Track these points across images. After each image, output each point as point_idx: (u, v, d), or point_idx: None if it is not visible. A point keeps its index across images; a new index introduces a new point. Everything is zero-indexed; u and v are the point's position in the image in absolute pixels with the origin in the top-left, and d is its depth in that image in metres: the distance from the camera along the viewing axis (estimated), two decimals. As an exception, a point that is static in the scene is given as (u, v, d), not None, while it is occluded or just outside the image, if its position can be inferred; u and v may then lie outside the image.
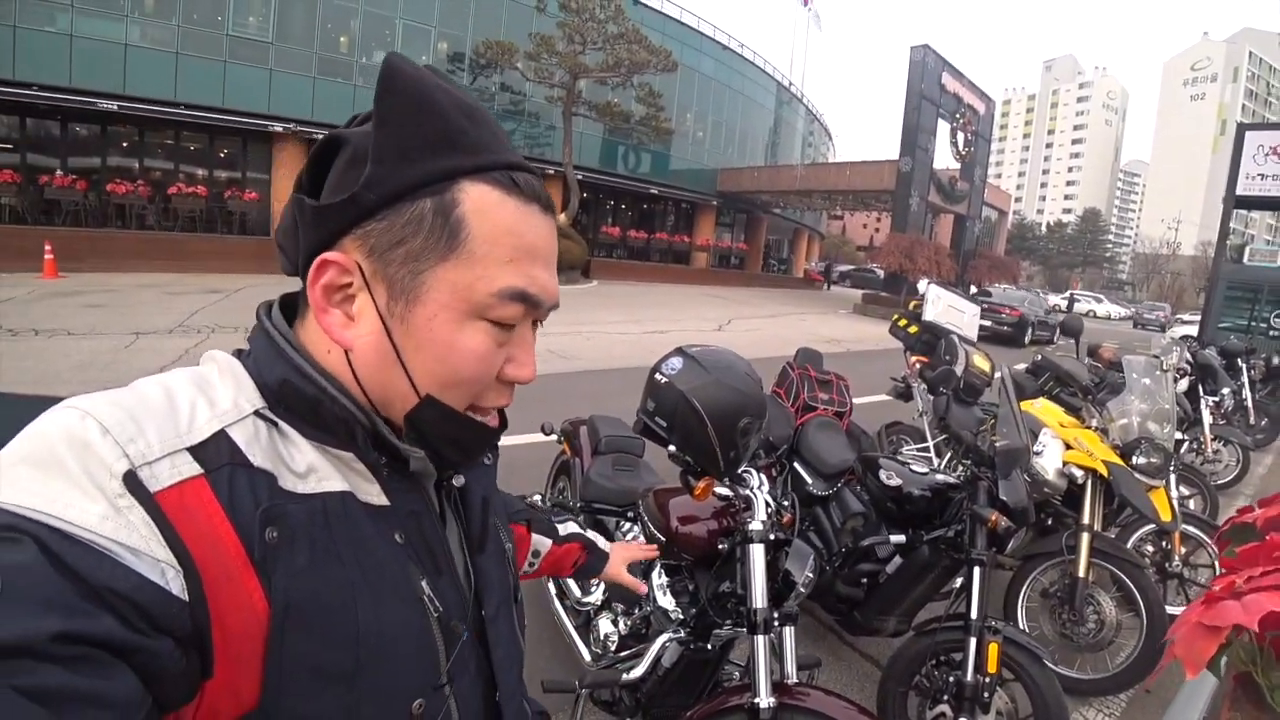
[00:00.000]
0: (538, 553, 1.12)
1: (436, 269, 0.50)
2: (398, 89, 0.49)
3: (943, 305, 4.66)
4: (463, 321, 0.52)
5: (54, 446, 0.40)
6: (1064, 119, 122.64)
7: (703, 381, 1.39)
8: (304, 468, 0.50)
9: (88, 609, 0.36)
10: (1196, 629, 0.83)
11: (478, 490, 0.67)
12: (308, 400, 0.51)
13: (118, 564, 0.39)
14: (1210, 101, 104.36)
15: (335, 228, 0.51)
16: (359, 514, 0.52)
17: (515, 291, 0.52)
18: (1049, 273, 72.47)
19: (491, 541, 0.67)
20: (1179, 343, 5.06)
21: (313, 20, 16.97)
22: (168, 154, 16.43)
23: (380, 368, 0.52)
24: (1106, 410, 2.91)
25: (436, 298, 0.50)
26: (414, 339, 0.51)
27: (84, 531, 0.38)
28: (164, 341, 6.92)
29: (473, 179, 0.50)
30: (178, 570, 0.41)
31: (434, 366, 0.52)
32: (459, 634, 0.58)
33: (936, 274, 18.68)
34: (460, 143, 0.50)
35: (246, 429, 0.48)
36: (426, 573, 0.56)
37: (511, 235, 0.52)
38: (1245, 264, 19.63)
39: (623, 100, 21.16)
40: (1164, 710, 2.27)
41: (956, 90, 22.66)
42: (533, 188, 0.53)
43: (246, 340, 0.56)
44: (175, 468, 0.43)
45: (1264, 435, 6.50)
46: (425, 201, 0.49)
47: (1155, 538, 3.12)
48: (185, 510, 0.42)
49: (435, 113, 0.49)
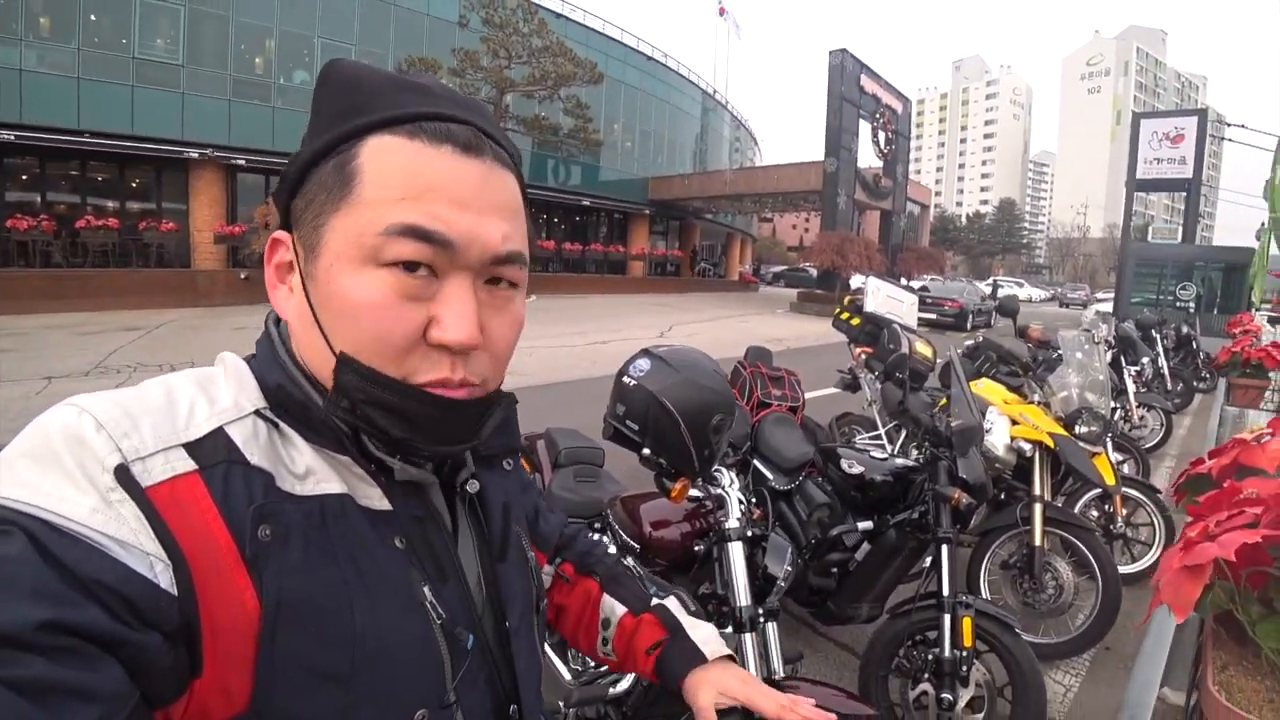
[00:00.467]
0: (608, 623, 0.82)
1: (332, 219, 0.49)
2: (330, 80, 0.51)
3: (882, 296, 4.80)
4: (358, 268, 0.48)
5: (51, 441, 0.41)
6: (975, 115, 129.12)
7: (672, 381, 1.38)
8: (303, 469, 0.49)
9: (75, 599, 0.36)
10: (1180, 573, 0.86)
11: (497, 496, 0.64)
12: (299, 404, 0.51)
13: (106, 556, 0.38)
14: (1106, 94, 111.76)
15: (281, 211, 0.53)
16: (358, 517, 0.51)
17: (404, 226, 0.47)
18: (972, 262, 75.80)
19: (513, 549, 0.64)
20: (1105, 317, 5.36)
21: (225, 41, 16.28)
22: (73, 185, 15.45)
23: (306, 336, 0.51)
24: (1047, 385, 3.04)
25: (332, 246, 0.48)
26: (321, 295, 0.49)
27: (73, 524, 0.38)
28: (80, 385, 6.49)
29: (377, 134, 0.49)
30: (167, 564, 0.41)
31: (340, 323, 0.49)
32: (464, 643, 0.55)
33: (868, 269, 19.31)
34: (374, 106, 0.49)
35: (245, 428, 0.48)
36: (429, 579, 0.54)
37: (405, 174, 0.48)
38: (1150, 242, 21.02)
39: (550, 114, 21.10)
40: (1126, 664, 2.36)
41: (875, 91, 23.51)
42: (445, 130, 0.49)
43: (255, 346, 0.57)
44: (169, 463, 0.43)
45: (1181, 399, 6.93)
46: (331, 161, 0.49)
47: (1099, 502, 3.28)
48: (177, 505, 0.42)
49: (361, 89, 0.50)
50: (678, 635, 0.81)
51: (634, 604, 0.83)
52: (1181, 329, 8.12)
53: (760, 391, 3.38)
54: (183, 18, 15.54)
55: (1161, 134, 19.65)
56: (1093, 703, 2.39)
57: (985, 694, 1.98)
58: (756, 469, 2.92)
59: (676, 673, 0.78)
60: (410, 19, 19.44)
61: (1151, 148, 19.66)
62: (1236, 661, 0.94)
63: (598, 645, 0.83)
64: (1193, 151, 19.11)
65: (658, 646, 0.80)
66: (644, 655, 0.80)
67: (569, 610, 0.86)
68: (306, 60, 17.64)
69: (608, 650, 0.83)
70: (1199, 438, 5.95)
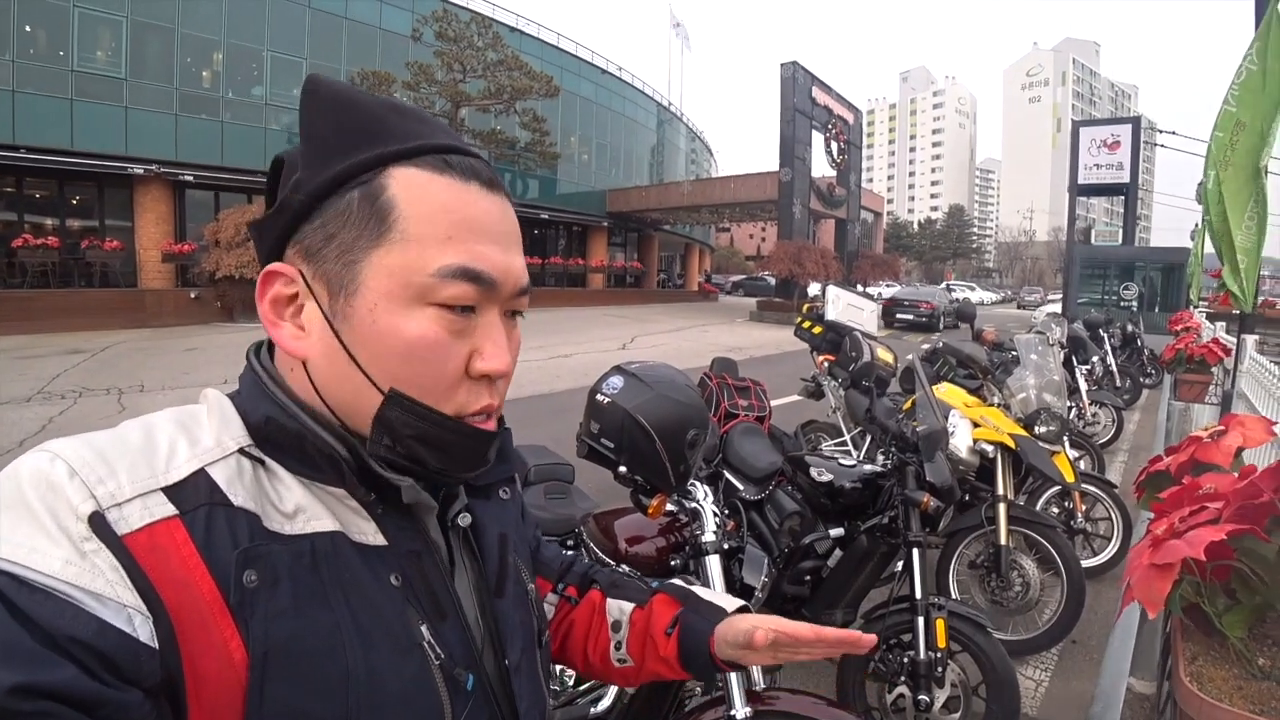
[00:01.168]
0: (619, 625, 0.78)
1: (370, 256, 0.47)
2: (320, 95, 0.49)
3: (843, 304, 4.88)
4: (407, 309, 0.48)
5: (22, 489, 0.39)
6: (923, 124, 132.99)
7: (646, 397, 1.37)
8: (291, 507, 0.48)
9: (49, 659, 0.35)
10: (1150, 571, 0.89)
11: (493, 528, 0.62)
12: (292, 436, 0.49)
13: (80, 610, 0.37)
14: (1046, 103, 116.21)
15: (275, 240, 0.50)
16: (350, 554, 0.49)
17: (457, 269, 0.48)
18: (925, 267, 77.75)
19: (511, 583, 0.62)
20: (1056, 319, 5.54)
21: (170, 54, 15.81)
22: (9, 203, 14.79)
23: (336, 374, 0.49)
24: (1006, 387, 3.12)
25: (374, 285, 0.47)
26: (359, 334, 0.48)
27: (44, 577, 0.37)
28: (20, 411, 6.18)
29: (401, 165, 0.48)
30: (146, 616, 0.39)
31: (386, 362, 0.48)
32: (464, 683, 0.53)
33: (825, 276, 19.66)
34: (385, 133, 0.48)
35: (229, 467, 0.46)
36: (427, 617, 0.52)
37: (447, 212, 0.48)
38: (1093, 244, 21.85)
39: (506, 127, 21.05)
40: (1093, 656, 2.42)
41: (827, 103, 24.02)
42: (470, 166, 0.50)
43: (239, 380, 0.54)
44: (147, 509, 0.41)
45: (1130, 395, 7.20)
46: (353, 193, 0.47)
47: (1059, 499, 3.37)
48: (156, 553, 0.40)
49: (359, 111, 0.49)
50: (692, 601, 0.77)
51: (639, 597, 0.80)
52: (1127, 327, 8.44)
53: (728, 402, 3.39)
54: (125, 29, 15.07)
55: (1099, 141, 20.47)
56: (1064, 695, 2.45)
57: (961, 693, 2.01)
58: (727, 480, 2.93)
59: (704, 634, 0.72)
60: (362, 32, 19.19)
61: (1091, 154, 20.45)
62: (1205, 652, 0.97)
63: (610, 653, 0.78)
64: (1129, 157, 19.93)
65: (676, 621, 0.75)
66: (664, 638, 0.74)
67: (577, 625, 0.81)
68: (255, 74, 17.26)
69: (621, 655, 0.77)
70: (1148, 432, 6.19)
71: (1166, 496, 1.15)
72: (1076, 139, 20.63)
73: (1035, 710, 2.37)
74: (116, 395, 7.14)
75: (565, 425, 1.43)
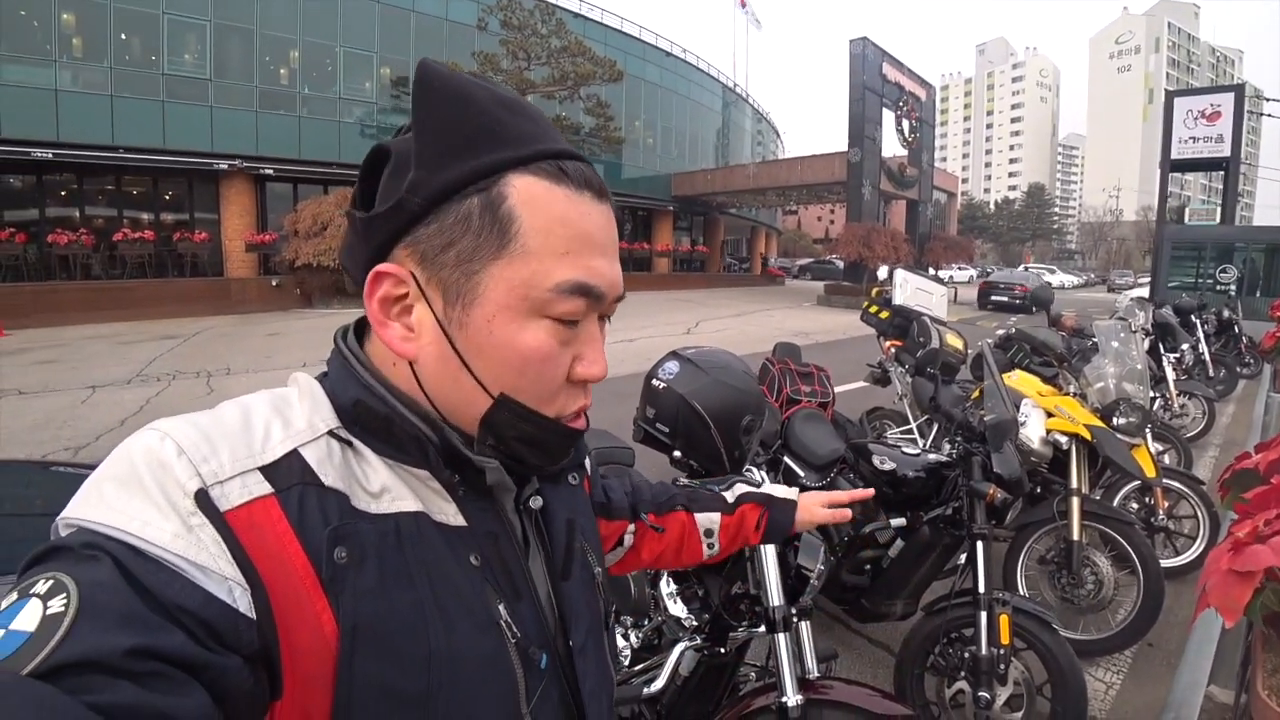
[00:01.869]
0: (710, 531, 0.97)
1: (490, 267, 0.48)
2: (434, 89, 0.48)
3: (911, 288, 4.73)
4: (524, 320, 0.50)
5: (135, 465, 0.42)
6: (1001, 99, 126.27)
7: (702, 383, 1.38)
8: (378, 487, 0.50)
9: (160, 624, 0.37)
10: (1228, 576, 0.84)
11: (561, 513, 0.64)
12: (380, 419, 0.50)
13: (188, 581, 0.39)
14: (1136, 72, 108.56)
15: (385, 238, 0.50)
16: (433, 534, 0.51)
17: (575, 285, 0.50)
18: (1001, 249, 74.31)
19: (578, 567, 0.64)
20: (1141, 304, 5.22)
21: (250, 54, 16.63)
22: (109, 200, 15.92)
23: (446, 376, 0.51)
24: (1083, 375, 2.98)
25: (493, 297, 0.49)
26: (475, 342, 0.50)
27: (157, 549, 0.39)
28: (122, 393, 6.68)
29: (519, 171, 0.48)
30: (245, 588, 0.41)
31: (499, 370, 0.50)
32: (538, 662, 0.55)
33: (895, 259, 19.05)
34: (502, 135, 0.48)
35: (320, 449, 0.48)
36: (504, 597, 0.54)
37: (565, 225, 0.49)
38: (1186, 224, 20.41)
39: (571, 113, 21.17)
40: (1170, 660, 2.31)
41: (897, 79, 23.16)
42: (583, 175, 0.51)
43: (326, 364, 0.56)
44: (246, 487, 0.44)
45: (1224, 386, 6.74)
46: (472, 199, 0.48)
47: (1138, 494, 3.20)
48: (254, 529, 0.43)
49: (474, 109, 0.48)
50: (771, 502, 1.02)
51: (724, 507, 0.99)
52: (1223, 313, 7.89)
53: (789, 388, 3.35)
54: (208, 33, 15.90)
55: (1197, 111, 19.04)
56: (1136, 700, 2.34)
57: (1024, 692, 1.95)
58: (787, 466, 2.91)
59: (785, 525, 1.02)
60: (429, 24, 19.62)
61: (1186, 126, 19.06)
62: (1288, 662, 0.91)
63: (703, 552, 0.98)
64: (1230, 129, 18.48)
65: (761, 519, 1.00)
66: (754, 532, 1.00)
67: (669, 546, 0.96)
68: (329, 70, 17.92)
69: (713, 550, 0.98)
70: (1244, 426, 5.77)
71: (1252, 497, 1.08)
72: (1170, 110, 19.27)
73: (1104, 714, 2.27)
74: (206, 378, 7.63)
75: (627, 410, 1.45)
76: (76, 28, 14.56)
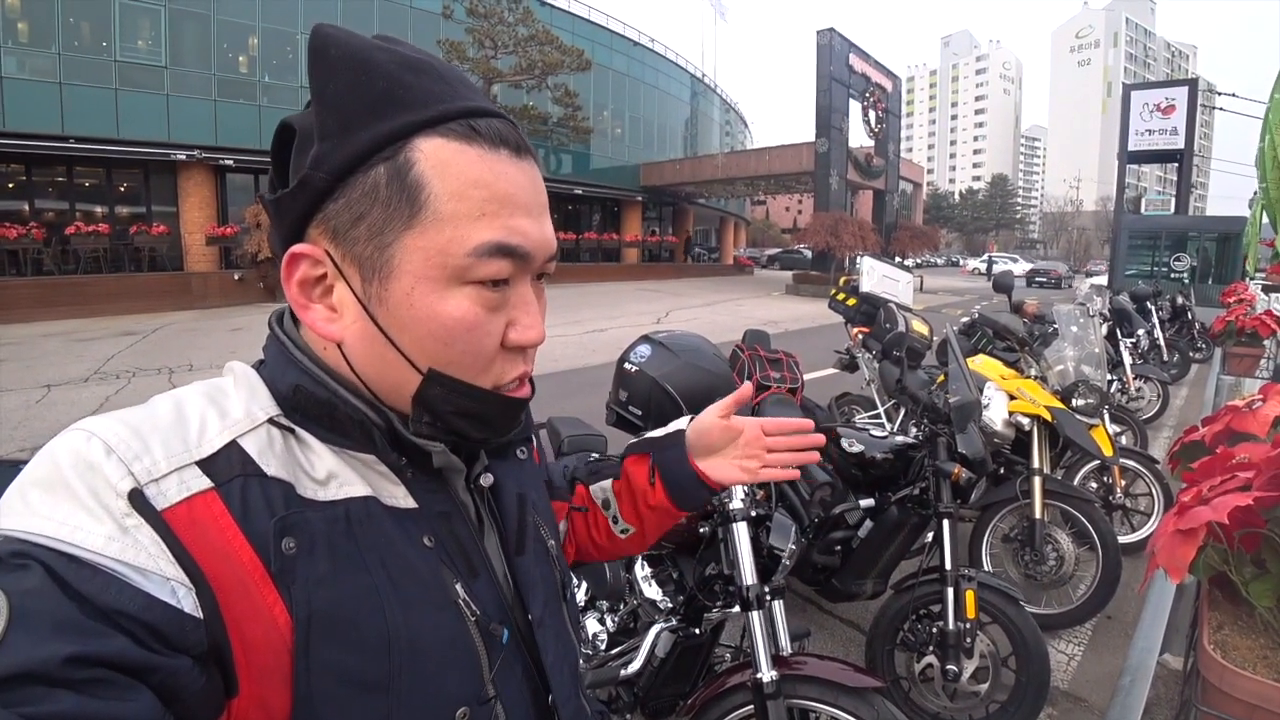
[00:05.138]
0: (608, 503, 0.84)
1: (403, 238, 0.46)
2: (331, 56, 0.46)
3: (878, 276, 4.80)
4: (444, 290, 0.47)
5: (61, 469, 0.40)
6: (965, 91, 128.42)
7: (673, 366, 1.40)
8: (324, 474, 0.48)
9: (99, 630, 0.36)
10: (1174, 537, 0.88)
11: (511, 488, 0.64)
12: (321, 404, 0.49)
13: (126, 585, 0.38)
14: (1096, 66, 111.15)
15: (296, 218, 0.48)
16: (384, 518, 0.50)
17: (494, 245, 0.47)
18: (965, 238, 75.70)
19: (531, 540, 0.63)
20: (1099, 290, 5.38)
21: (208, 40, 16.14)
22: (61, 192, 15.39)
23: (373, 356, 0.49)
24: (1044, 359, 3.06)
25: (410, 269, 0.47)
26: (397, 317, 0.48)
27: (90, 553, 0.38)
28: (80, 392, 6.48)
29: (426, 135, 0.46)
30: (189, 588, 0.40)
31: (425, 344, 0.48)
32: (499, 637, 0.55)
33: (862, 248, 19.31)
34: (405, 99, 0.46)
35: (260, 438, 0.47)
36: (460, 575, 0.53)
37: (479, 187, 0.47)
38: (1143, 214, 21.02)
39: (539, 103, 21.00)
40: (1127, 632, 2.39)
41: (864, 70, 23.37)
42: (497, 132, 0.48)
43: (262, 350, 0.54)
44: (183, 483, 0.42)
45: (1177, 370, 6.97)
46: (379, 169, 0.45)
47: (1097, 474, 3.31)
48: (195, 526, 0.41)
49: (375, 73, 0.46)
50: (654, 443, 0.83)
51: (613, 471, 0.85)
52: (1177, 300, 8.16)
53: (759, 374, 3.39)
54: (163, 18, 15.42)
55: (1152, 105, 19.60)
56: (1096, 670, 2.43)
57: (989, 664, 2.01)
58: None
59: (681, 461, 0.80)
60: (393, 11, 19.27)
61: (1143, 119, 19.62)
62: (1231, 621, 0.97)
63: (612, 530, 0.84)
64: (1184, 122, 19.06)
65: (653, 469, 0.81)
66: (650, 489, 0.81)
67: (577, 522, 0.86)
68: (290, 57, 17.48)
69: (621, 525, 0.84)
70: (1196, 407, 5.99)
71: (1198, 466, 1.13)
72: (1127, 103, 19.79)
73: (1066, 684, 2.36)
74: (168, 374, 7.43)
75: (598, 399, 1.46)
76: (22, 11, 14.01)
